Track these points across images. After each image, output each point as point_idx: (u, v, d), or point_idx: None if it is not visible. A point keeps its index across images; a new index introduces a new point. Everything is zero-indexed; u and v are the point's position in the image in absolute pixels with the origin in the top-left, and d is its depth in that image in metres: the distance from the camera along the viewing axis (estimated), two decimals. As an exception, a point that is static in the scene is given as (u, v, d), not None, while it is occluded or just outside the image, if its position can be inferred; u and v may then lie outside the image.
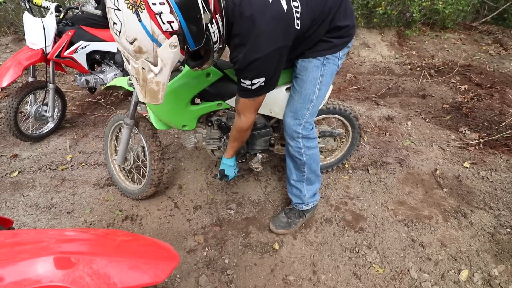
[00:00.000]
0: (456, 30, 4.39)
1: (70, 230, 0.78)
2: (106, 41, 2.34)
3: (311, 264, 1.43)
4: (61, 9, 2.12)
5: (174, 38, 0.86)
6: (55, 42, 2.12)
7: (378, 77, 3.33)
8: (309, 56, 1.25)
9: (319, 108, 1.59)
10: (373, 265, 1.42)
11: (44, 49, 2.06)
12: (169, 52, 0.86)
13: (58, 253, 0.66)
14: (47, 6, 2.11)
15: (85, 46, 2.23)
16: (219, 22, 0.95)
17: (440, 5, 3.87)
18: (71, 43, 2.17)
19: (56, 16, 2.09)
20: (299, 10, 1.07)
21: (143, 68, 0.89)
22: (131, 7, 0.79)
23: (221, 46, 1.02)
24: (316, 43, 1.22)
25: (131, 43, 0.84)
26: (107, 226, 1.61)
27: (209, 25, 0.91)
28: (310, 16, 1.11)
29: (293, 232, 1.56)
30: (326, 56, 1.25)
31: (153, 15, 0.81)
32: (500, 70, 3.44)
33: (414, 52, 3.94)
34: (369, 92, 3.06)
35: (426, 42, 4.13)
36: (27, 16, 2.08)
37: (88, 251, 0.70)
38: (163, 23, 0.83)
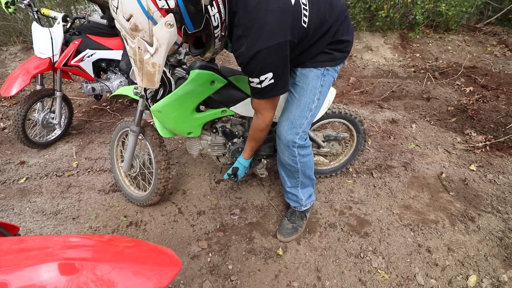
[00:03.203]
0: (460, 31, 4.36)
1: (75, 236, 0.79)
2: (112, 49, 2.38)
3: (316, 270, 1.42)
4: (68, 19, 2.17)
5: (170, 17, 0.83)
6: (62, 51, 2.17)
7: (382, 80, 3.32)
8: (310, 65, 1.24)
9: (321, 115, 1.60)
10: (379, 270, 1.41)
11: (52, 58, 2.11)
12: (165, 31, 0.84)
13: (62, 259, 0.67)
14: (54, 16, 2.16)
15: (92, 55, 2.27)
16: (220, 6, 0.90)
17: (443, 7, 3.86)
18: (78, 52, 2.21)
19: (63, 25, 2.14)
20: (307, 8, 1.04)
21: (139, 47, 0.87)
22: None
23: (223, 34, 0.98)
24: (318, 54, 1.22)
25: (128, 20, 0.82)
26: (111, 232, 1.63)
27: (208, 7, 0.87)
28: (318, 18, 1.09)
29: (298, 237, 1.56)
30: (327, 67, 1.25)
31: None
32: (506, 71, 3.40)
33: (417, 55, 3.92)
34: (373, 95, 3.05)
35: (430, 44, 4.11)
36: (35, 26, 2.14)
37: (92, 257, 0.70)
38: (159, 0, 0.80)
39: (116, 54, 2.41)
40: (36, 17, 2.18)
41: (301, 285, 1.35)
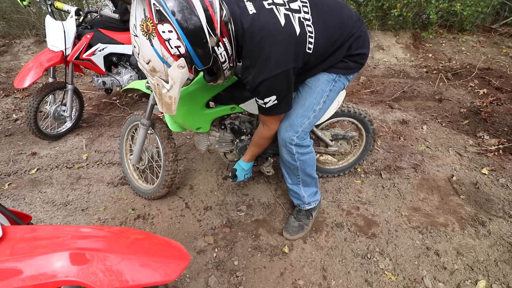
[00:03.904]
0: (474, 32, 4.26)
1: (86, 227, 0.80)
2: (123, 44, 2.40)
3: (321, 269, 1.41)
4: (80, 12, 2.20)
5: (182, 60, 0.96)
6: (74, 44, 2.19)
7: (393, 80, 3.26)
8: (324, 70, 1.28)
9: (329, 117, 1.58)
10: (386, 272, 1.39)
11: (64, 51, 2.13)
12: (178, 72, 0.97)
13: (73, 249, 0.68)
14: (67, 10, 2.19)
15: (103, 49, 2.30)
16: (227, 44, 1.01)
17: (458, 7, 3.77)
18: (89, 46, 2.24)
19: (76, 19, 2.16)
20: (313, 35, 1.10)
21: (158, 84, 1.01)
22: (145, 34, 0.91)
23: (231, 65, 1.08)
24: (332, 65, 1.26)
25: (147, 63, 0.97)
26: (119, 224, 1.65)
27: (215, 47, 0.99)
28: (324, 41, 1.14)
29: (304, 235, 1.55)
30: (339, 74, 1.28)
31: (163, 41, 0.92)
32: (521, 74, 3.31)
33: (430, 55, 3.85)
34: (383, 95, 3.01)
35: (443, 44, 4.03)
36: (48, 20, 2.16)
37: (102, 248, 0.71)
38: (171, 48, 0.93)
39: (127, 49, 2.42)
40: (49, 10, 2.21)
41: (306, 283, 1.35)
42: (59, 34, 2.11)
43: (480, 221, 1.63)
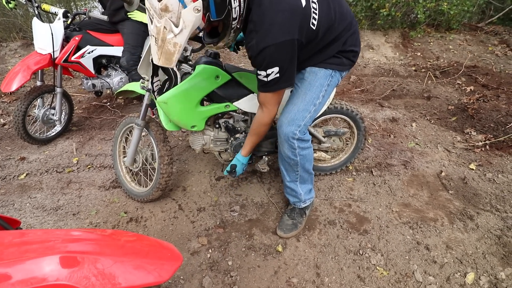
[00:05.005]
0: (461, 31, 4.35)
1: (76, 230, 0.79)
2: (112, 46, 2.38)
3: (315, 266, 1.42)
4: (68, 14, 2.17)
5: (199, 3, 0.93)
6: (62, 47, 2.16)
7: (382, 79, 3.31)
8: (320, 65, 1.32)
9: (321, 112, 1.61)
10: (378, 267, 1.41)
11: (52, 54, 2.10)
12: (192, 15, 0.93)
13: (64, 252, 0.68)
14: (55, 12, 2.16)
15: (92, 51, 2.27)
16: (241, 0, 1.01)
17: (445, 6, 3.85)
18: (78, 48, 2.21)
19: (63, 21, 2.13)
20: (316, 12, 1.13)
21: (164, 27, 0.95)
22: None
23: (238, 26, 1.08)
24: (327, 58, 1.31)
25: (159, 1, 0.91)
26: (112, 228, 1.63)
27: (232, 0, 0.98)
28: (327, 23, 1.17)
29: (298, 233, 1.56)
30: (335, 70, 1.33)
31: None
32: (506, 71, 3.40)
33: (418, 54, 3.92)
34: (373, 94, 3.05)
35: (431, 43, 4.11)
36: (35, 22, 2.13)
37: (93, 251, 0.71)
38: None
39: (117, 51, 2.40)
40: (36, 12, 2.17)
41: (300, 281, 1.36)
42: (47, 36, 2.08)
43: (468, 215, 1.67)
